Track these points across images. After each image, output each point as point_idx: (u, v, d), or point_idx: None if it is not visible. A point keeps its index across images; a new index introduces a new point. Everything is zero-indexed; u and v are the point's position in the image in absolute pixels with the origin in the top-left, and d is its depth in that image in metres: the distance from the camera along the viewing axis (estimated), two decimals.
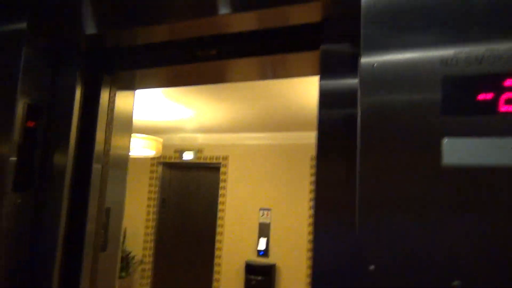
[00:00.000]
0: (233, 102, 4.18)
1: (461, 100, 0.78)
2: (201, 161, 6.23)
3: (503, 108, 0.75)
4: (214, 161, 6.14)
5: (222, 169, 6.06)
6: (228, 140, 5.98)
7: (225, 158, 6.03)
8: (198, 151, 6.22)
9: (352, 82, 1.06)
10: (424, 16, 0.84)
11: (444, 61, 0.81)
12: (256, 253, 5.64)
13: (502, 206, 0.73)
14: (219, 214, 5.97)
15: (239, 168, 5.93)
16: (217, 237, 5.95)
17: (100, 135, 1.47)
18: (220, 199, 6.00)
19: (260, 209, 5.71)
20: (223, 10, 1.18)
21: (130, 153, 1.77)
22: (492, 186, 0.74)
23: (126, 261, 5.96)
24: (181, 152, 6.31)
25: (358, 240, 0.83)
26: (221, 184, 6.02)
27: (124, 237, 5.98)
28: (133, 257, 6.15)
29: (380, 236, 0.81)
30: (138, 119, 4.92)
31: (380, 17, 0.87)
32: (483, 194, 0.75)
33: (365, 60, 0.86)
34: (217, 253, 5.91)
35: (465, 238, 0.75)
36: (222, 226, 5.93)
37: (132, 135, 4.01)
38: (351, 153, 0.95)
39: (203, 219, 6.32)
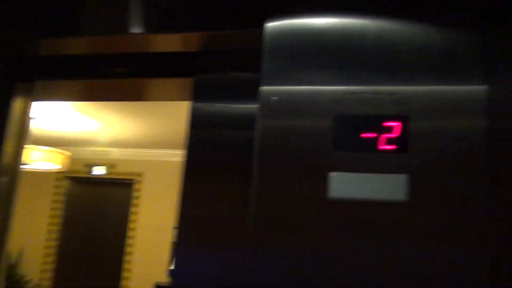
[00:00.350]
0: (146, 118, 4.09)
1: (348, 138, 0.85)
2: (114, 176, 5.92)
3: (382, 146, 0.83)
4: (128, 177, 5.87)
5: (135, 186, 5.81)
6: (143, 156, 5.78)
7: (140, 174, 5.81)
8: (110, 166, 5.91)
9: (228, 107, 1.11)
10: (319, 57, 0.91)
11: (336, 100, 0.88)
12: (167, 273, 5.44)
13: (379, 235, 0.81)
14: (130, 233, 5.69)
15: (154, 185, 5.74)
16: (127, 258, 5.65)
17: (9, 147, 1.35)
18: (132, 217, 5.73)
19: (174, 228, 5.55)
20: (134, 29, 1.17)
21: (30, 166, 1.62)
22: (371, 216, 0.82)
23: (19, 286, 5.37)
24: (91, 166, 5.94)
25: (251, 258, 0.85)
26: (134, 202, 5.77)
27: (18, 258, 5.40)
28: (28, 281, 5.56)
29: (272, 258, 0.84)
30: (42, 129, 4.54)
31: (280, 54, 0.92)
32: (362, 224, 0.82)
33: (264, 90, 0.91)
34: (125, 275, 5.60)
35: (347, 261, 0.81)
36: (132, 245, 5.65)
37: (34, 147, 3.69)
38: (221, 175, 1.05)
39: (112, 239, 5.96)
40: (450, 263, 0.78)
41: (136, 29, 1.17)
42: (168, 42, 1.17)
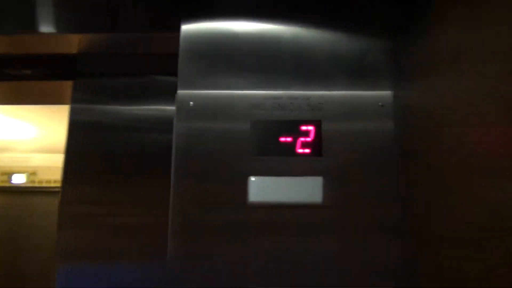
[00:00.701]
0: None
1: (267, 142, 0.86)
2: (36, 184, 5.49)
3: (299, 150, 0.85)
4: (52, 184, 5.47)
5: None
6: None
7: None
8: (31, 173, 5.47)
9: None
10: (237, 62, 0.90)
11: (254, 105, 0.88)
12: None
13: (299, 236, 0.82)
14: None
15: None
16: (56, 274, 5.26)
17: None
18: None
19: None
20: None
21: None
22: (290, 219, 0.83)
23: None
24: (10, 174, 5.45)
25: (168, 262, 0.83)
26: None
27: None
28: None
29: (190, 258, 0.82)
30: None
31: (196, 58, 0.91)
32: (282, 227, 0.83)
33: (181, 94, 0.88)
34: None
35: (265, 258, 0.82)
36: None
37: None
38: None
39: (37, 255, 5.52)
40: (366, 258, 0.81)
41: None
42: (49, 43, 1.09)
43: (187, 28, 0.92)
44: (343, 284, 0.81)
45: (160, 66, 1.07)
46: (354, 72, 0.89)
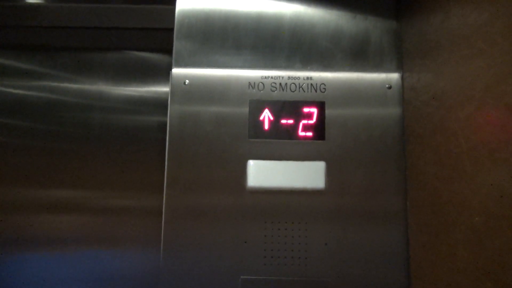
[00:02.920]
0: None
1: (267, 124, 0.81)
2: None
3: (301, 133, 0.80)
4: None
5: None
6: None
7: None
8: None
9: None
10: (234, 39, 0.85)
11: (252, 85, 0.83)
12: None
13: (294, 222, 0.79)
14: None
15: None
16: None
17: None
18: None
19: None
20: None
21: None
22: (288, 204, 0.79)
23: None
24: None
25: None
26: None
27: None
28: None
29: (185, 245, 0.78)
30: None
31: (192, 35, 0.85)
32: (279, 212, 0.79)
33: (176, 73, 0.83)
34: None
35: (265, 246, 0.78)
36: None
37: None
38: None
39: None
40: (369, 244, 0.78)
41: None
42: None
43: (182, 2, 0.86)
44: (345, 270, 0.78)
45: (154, 42, 1.00)
46: (359, 52, 0.85)
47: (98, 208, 0.94)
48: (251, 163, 0.79)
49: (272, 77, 0.83)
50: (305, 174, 0.79)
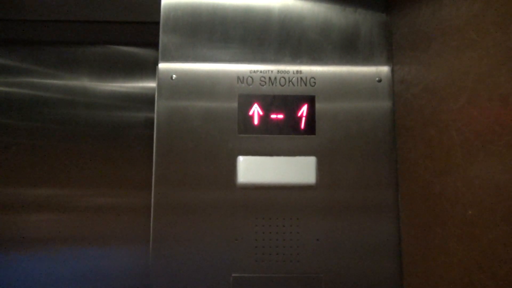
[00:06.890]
0: None
1: (256, 119, 0.80)
2: None
3: (291, 128, 0.79)
4: None
5: None
6: None
7: None
8: None
9: None
10: (222, 33, 0.83)
11: (240, 79, 0.81)
12: None
13: (285, 217, 0.78)
14: None
15: None
16: None
17: None
18: None
19: None
20: None
21: None
22: (279, 200, 0.78)
23: None
24: None
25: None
26: None
27: None
28: None
29: (175, 242, 0.77)
30: None
31: (179, 28, 0.83)
32: (270, 208, 0.78)
33: (163, 67, 0.81)
34: None
35: (255, 244, 0.77)
36: None
37: None
38: None
39: None
40: (360, 239, 0.78)
41: None
42: None
43: None
44: (337, 265, 0.77)
45: (140, 37, 0.98)
46: (348, 46, 0.84)
47: (85, 206, 0.92)
48: (241, 159, 0.78)
49: (261, 71, 0.82)
50: (295, 170, 0.78)
